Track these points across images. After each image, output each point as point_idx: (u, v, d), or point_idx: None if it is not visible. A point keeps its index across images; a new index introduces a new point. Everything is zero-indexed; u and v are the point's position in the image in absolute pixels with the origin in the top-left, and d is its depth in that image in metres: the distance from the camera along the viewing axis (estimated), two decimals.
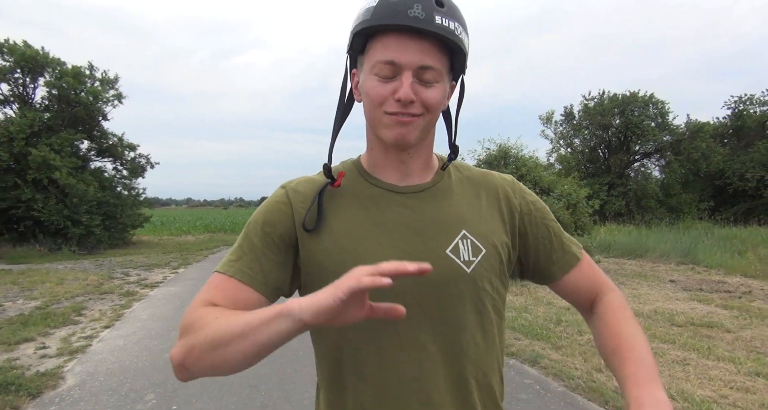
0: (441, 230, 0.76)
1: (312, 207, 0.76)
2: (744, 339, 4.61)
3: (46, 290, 7.36)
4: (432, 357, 0.74)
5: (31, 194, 12.92)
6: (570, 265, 0.84)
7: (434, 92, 0.71)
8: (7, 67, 13.43)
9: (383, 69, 0.69)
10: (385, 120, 0.71)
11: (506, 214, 0.82)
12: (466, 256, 0.76)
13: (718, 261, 8.91)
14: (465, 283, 0.75)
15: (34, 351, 4.40)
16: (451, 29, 0.68)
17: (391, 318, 0.56)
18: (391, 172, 0.79)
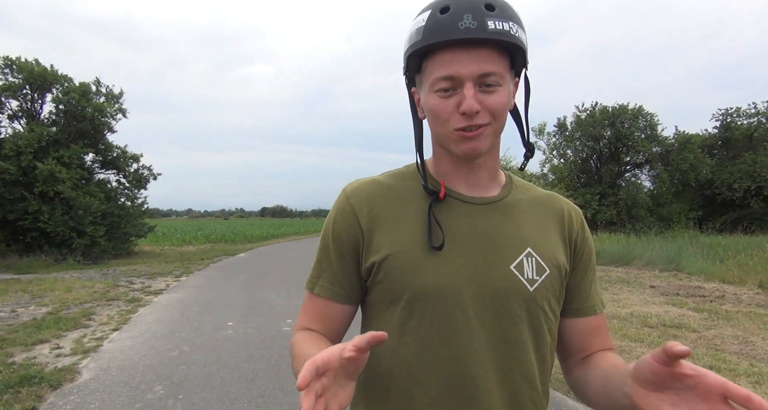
0: (507, 245, 0.75)
1: (432, 226, 0.74)
2: (707, 338, 4.97)
3: (56, 297, 7.73)
4: (488, 373, 0.72)
5: (38, 206, 13.32)
6: (586, 313, 0.82)
7: (498, 97, 0.69)
8: (17, 84, 13.95)
9: (443, 85, 0.69)
10: (454, 136, 0.71)
11: (567, 239, 0.81)
12: (529, 274, 0.74)
13: (700, 268, 9.27)
14: (526, 301, 0.74)
15: (49, 350, 4.76)
16: (506, 31, 0.67)
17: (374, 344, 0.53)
18: (459, 182, 0.78)
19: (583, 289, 0.82)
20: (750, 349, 4.59)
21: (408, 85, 0.78)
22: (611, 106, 19.74)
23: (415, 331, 0.73)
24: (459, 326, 0.72)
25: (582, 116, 20.45)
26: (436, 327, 0.72)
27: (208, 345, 4.91)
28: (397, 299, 0.74)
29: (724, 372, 3.95)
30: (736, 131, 20.36)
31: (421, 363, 0.73)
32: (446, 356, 0.72)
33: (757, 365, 4.12)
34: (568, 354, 0.84)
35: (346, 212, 0.78)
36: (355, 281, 0.79)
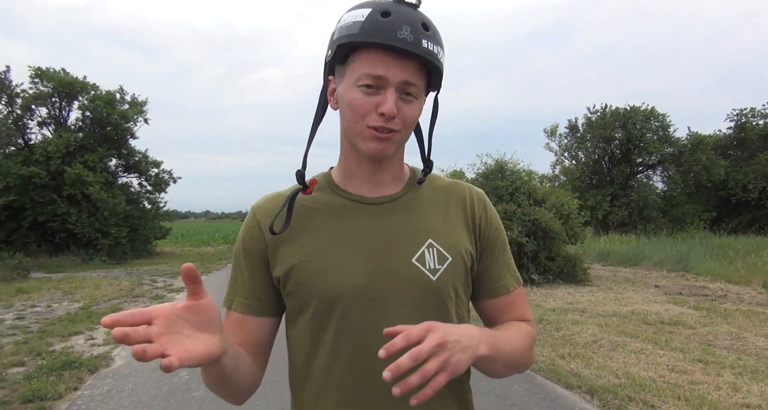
0: (408, 239, 0.78)
1: (281, 211, 0.77)
2: (701, 334, 5.16)
3: (86, 294, 8.24)
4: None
5: (66, 209, 14.01)
6: (498, 292, 0.85)
7: (413, 109, 0.73)
8: (46, 93, 14.69)
9: (368, 82, 0.71)
10: (366, 133, 0.73)
11: (471, 224, 0.83)
12: (431, 264, 0.77)
13: (708, 269, 9.36)
14: (430, 291, 0.76)
15: (84, 341, 5.20)
16: (434, 53, 0.71)
17: (188, 275, 0.58)
18: (363, 183, 0.81)
19: (493, 270, 0.84)
20: (741, 344, 4.77)
21: (326, 72, 0.79)
22: (622, 107, 19.78)
23: (325, 336, 0.76)
24: (367, 325, 0.74)
25: (593, 117, 20.48)
26: (345, 330, 0.74)
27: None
28: (306, 308, 0.77)
29: (711, 364, 4.16)
30: (751, 132, 20.13)
31: (335, 367, 0.75)
32: (360, 357, 0.74)
33: (744, 358, 4.31)
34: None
35: (253, 228, 0.81)
36: (270, 294, 0.81)
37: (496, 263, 0.85)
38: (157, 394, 3.63)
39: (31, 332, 5.51)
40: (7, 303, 7.37)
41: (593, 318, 6.04)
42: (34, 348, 4.76)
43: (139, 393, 3.64)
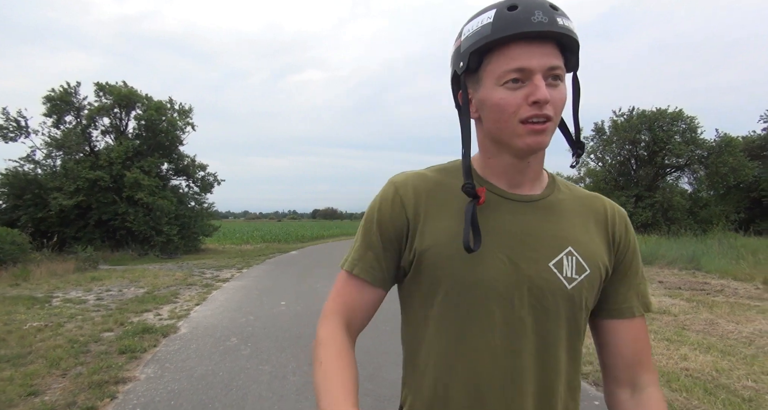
0: (547, 242, 0.76)
1: (468, 227, 0.74)
2: (679, 321, 5.78)
3: (148, 282, 9.58)
4: (524, 367, 0.73)
5: (125, 209, 15.69)
6: (620, 314, 0.81)
7: (561, 93, 0.71)
8: (109, 105, 16.47)
9: (513, 76, 0.69)
10: (520, 130, 0.71)
11: (610, 240, 0.81)
12: (569, 273, 0.75)
13: (717, 267, 9.71)
14: (563, 299, 0.74)
15: (153, 316, 6.39)
16: (571, 28, 0.69)
17: None
18: (503, 180, 0.79)
19: (621, 291, 0.81)
20: (711, 329, 5.38)
21: (455, 87, 0.78)
22: (649, 110, 19.80)
23: (452, 323, 0.75)
24: (495, 319, 0.73)
25: (619, 120, 20.60)
26: (472, 320, 0.73)
27: (267, 316, 6.34)
28: (435, 292, 0.76)
29: (675, 342, 4.83)
30: None
31: (457, 355, 0.74)
32: (482, 348, 0.73)
33: (707, 338, 4.95)
34: (608, 363, 0.83)
35: (393, 202, 0.80)
36: (392, 268, 0.81)
37: (626, 284, 0.82)
38: (215, 352, 4.69)
39: (111, 309, 6.77)
40: (87, 288, 8.78)
41: None
42: (117, 319, 5.96)
43: (201, 350, 4.71)
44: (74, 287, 8.83)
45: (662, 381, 3.68)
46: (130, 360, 4.37)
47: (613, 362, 0.82)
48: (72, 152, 15.90)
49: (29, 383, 3.67)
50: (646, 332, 0.83)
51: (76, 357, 4.38)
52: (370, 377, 3.77)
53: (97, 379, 3.75)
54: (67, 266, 11.24)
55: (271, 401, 3.39)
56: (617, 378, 0.82)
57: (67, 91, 15.91)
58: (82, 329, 5.49)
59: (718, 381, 3.69)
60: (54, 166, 16.07)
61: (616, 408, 0.82)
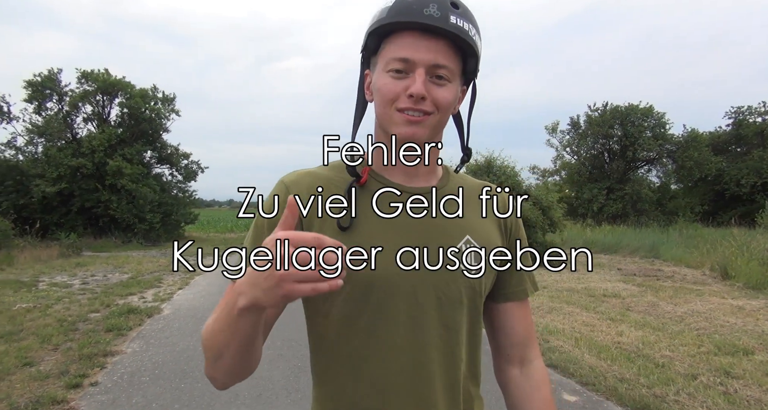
0: (446, 233, 0.76)
1: (349, 206, 0.73)
2: (626, 303, 6.33)
3: (132, 267, 9.87)
4: (431, 360, 0.73)
5: (108, 196, 15.81)
6: (516, 297, 0.84)
7: (446, 92, 0.70)
8: (91, 92, 16.45)
9: (396, 66, 0.69)
10: (396, 118, 0.71)
11: (503, 226, 0.83)
12: (468, 261, 0.76)
13: (674, 255, 10.38)
14: (465, 288, 0.75)
15: (138, 299, 6.72)
16: (465, 30, 0.68)
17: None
18: (398, 172, 0.78)
19: (515, 274, 0.84)
20: (652, 309, 5.94)
21: (362, 66, 0.79)
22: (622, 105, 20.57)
23: (356, 322, 0.73)
24: (400, 314, 0.72)
25: (593, 115, 21.33)
26: (378, 318, 0.72)
27: None
28: (337, 293, 0.67)
29: (616, 321, 5.36)
30: (747, 129, 20.66)
31: (363, 356, 0.73)
32: (388, 345, 0.72)
33: (646, 318, 5.50)
34: (501, 343, 0.85)
35: (284, 203, 0.72)
36: None
37: (519, 266, 0.85)
38: (196, 330, 5.07)
39: (96, 293, 7.08)
40: (72, 273, 9.04)
41: (549, 292, 7.24)
42: (103, 301, 6.29)
43: (183, 329, 5.09)
44: (59, 273, 9.08)
45: (593, 352, 4.20)
46: (116, 336, 4.73)
47: (507, 342, 0.85)
48: (54, 139, 15.90)
49: (23, 355, 4.01)
50: (530, 312, 0.88)
51: (66, 334, 4.73)
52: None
53: (87, 352, 4.11)
54: (51, 252, 11.43)
55: None
56: (509, 357, 0.85)
57: (50, 76, 15.85)
58: (70, 310, 5.81)
59: (642, 352, 4.21)
60: (36, 153, 16.07)
61: (509, 383, 0.86)
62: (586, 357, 4.05)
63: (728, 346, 4.28)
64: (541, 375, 0.85)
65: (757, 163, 19.08)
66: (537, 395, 0.84)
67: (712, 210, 20.15)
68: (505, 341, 0.85)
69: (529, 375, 0.84)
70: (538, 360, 0.86)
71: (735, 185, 19.63)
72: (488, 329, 0.87)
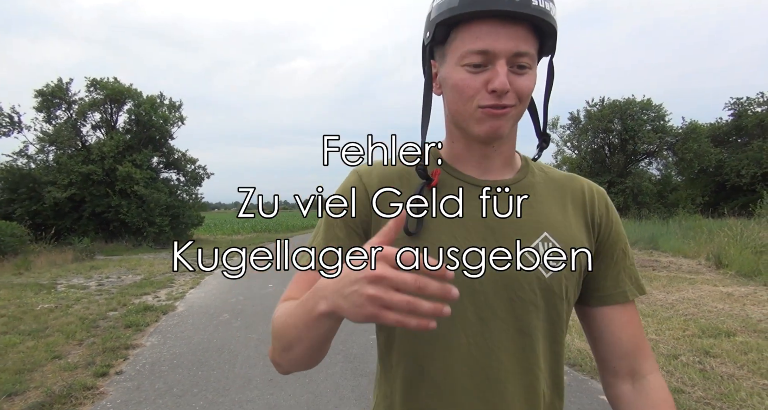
0: (521, 230, 0.70)
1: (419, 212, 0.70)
2: None
3: (144, 269, 10.21)
4: (502, 366, 0.68)
5: (118, 201, 16.20)
6: (613, 300, 0.75)
7: (528, 80, 0.65)
8: (100, 100, 16.85)
9: (474, 60, 0.64)
10: (477, 114, 0.66)
11: (590, 222, 0.75)
12: (544, 261, 0.70)
13: (672, 246, 10.56)
14: (541, 289, 0.69)
15: (152, 298, 7.04)
16: (547, 10, 0.63)
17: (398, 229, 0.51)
18: (472, 166, 0.74)
19: (611, 275, 0.76)
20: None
21: (425, 57, 0.73)
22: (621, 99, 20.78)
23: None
24: (467, 315, 0.68)
25: (592, 110, 21.53)
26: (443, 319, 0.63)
27: (256, 296, 7.03)
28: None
29: None
30: (747, 119, 20.77)
31: (427, 356, 0.70)
32: (454, 347, 0.69)
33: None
34: (604, 354, 0.77)
35: (358, 191, 0.74)
36: None
37: (616, 267, 0.76)
38: (209, 325, 5.37)
39: (112, 293, 7.41)
40: (88, 275, 9.40)
41: None
42: (120, 301, 6.61)
43: (197, 324, 5.40)
44: (75, 275, 9.44)
45: (584, 338, 4.45)
46: (135, 332, 5.05)
47: (610, 352, 0.76)
48: (64, 147, 16.31)
49: (52, 350, 4.33)
50: (638, 316, 0.78)
51: (88, 331, 5.05)
52: (342, 341, 4.49)
53: (110, 346, 4.43)
54: (66, 256, 11.80)
55: (257, 359, 4.09)
56: (616, 370, 0.77)
57: (59, 86, 16.26)
58: (89, 309, 6.14)
59: None
60: (47, 160, 16.49)
61: (619, 401, 0.77)
62: (575, 342, 4.30)
63: (712, 329, 4.51)
64: (660, 394, 0.74)
65: (757, 153, 19.21)
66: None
67: (713, 201, 20.30)
68: (609, 351, 0.77)
69: (644, 393, 0.75)
70: (655, 374, 0.76)
71: (735, 175, 19.81)
72: (588, 338, 0.80)
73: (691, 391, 3.13)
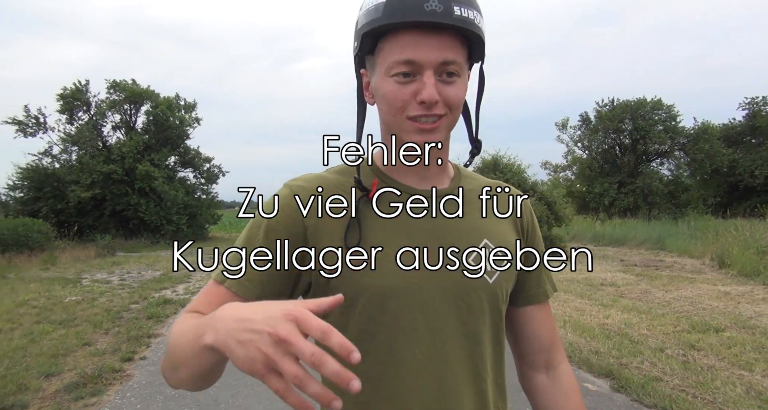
0: (462, 237, 0.72)
1: (352, 222, 0.68)
2: (620, 291, 6.74)
3: (163, 266, 10.66)
4: (456, 375, 0.69)
5: (137, 200, 16.77)
6: (537, 299, 0.81)
7: (457, 89, 0.65)
8: (119, 101, 17.45)
9: (401, 69, 0.63)
10: (408, 126, 0.66)
11: (519, 228, 0.80)
12: (488, 266, 0.71)
13: (679, 246, 10.64)
14: (486, 294, 0.71)
15: (171, 292, 7.44)
16: (470, 20, 0.62)
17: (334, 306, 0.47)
18: (409, 175, 0.74)
19: (534, 276, 0.81)
20: (644, 296, 6.35)
21: (357, 66, 0.72)
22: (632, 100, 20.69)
23: (374, 338, 0.68)
24: (419, 327, 0.68)
25: (602, 110, 21.49)
26: (395, 332, 0.68)
27: None
28: (352, 304, 0.68)
29: (607, 306, 5.79)
30: (762, 119, 20.51)
31: (383, 372, 0.68)
32: (408, 361, 0.68)
33: (635, 303, 5.91)
34: (525, 349, 0.83)
35: (289, 208, 0.69)
36: (276, 283, 0.68)
37: (539, 268, 0.82)
38: None
39: (134, 288, 7.82)
40: (110, 271, 9.88)
41: None
42: (141, 295, 7.02)
43: None
44: (98, 270, 9.93)
45: (577, 332, 4.67)
46: (156, 323, 5.41)
47: (530, 347, 0.82)
48: (86, 147, 16.94)
49: (81, 337, 4.71)
50: (552, 314, 0.84)
51: (113, 321, 5.43)
52: None
53: (134, 334, 4.79)
54: (89, 252, 12.35)
55: None
56: (534, 362, 0.82)
57: (78, 88, 16.89)
58: (113, 302, 6.55)
59: (622, 331, 4.66)
60: (70, 160, 17.15)
61: (536, 390, 0.83)
62: (568, 336, 4.53)
63: (702, 325, 4.70)
64: (569, 380, 0.82)
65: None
66: (567, 402, 0.80)
67: (726, 202, 20.12)
68: (529, 346, 0.82)
69: (557, 381, 0.82)
70: (564, 363, 0.83)
71: (749, 176, 19.60)
72: (509, 335, 0.84)
73: (669, 379, 3.35)
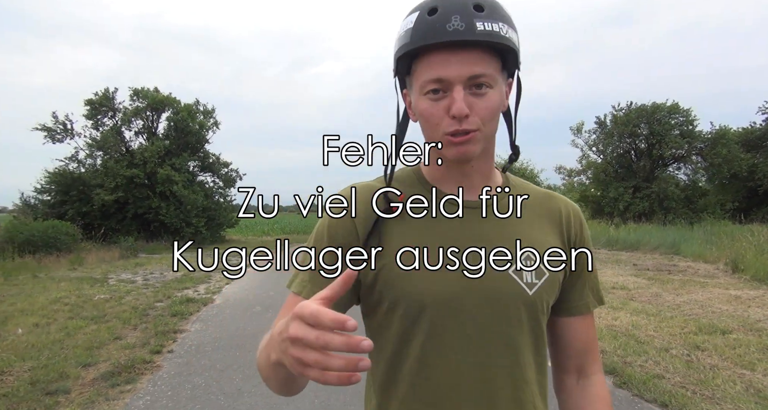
0: (505, 246, 0.73)
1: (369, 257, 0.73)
2: (631, 294, 6.81)
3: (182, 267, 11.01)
4: (495, 380, 0.72)
5: (158, 203, 17.27)
6: (578, 311, 0.82)
7: (488, 101, 0.68)
8: (142, 108, 18.03)
9: (432, 87, 0.67)
10: (444, 140, 0.69)
11: (566, 240, 0.80)
12: (528, 278, 0.73)
13: (694, 251, 10.60)
14: (525, 306, 0.73)
15: (192, 292, 7.74)
16: (495, 32, 0.65)
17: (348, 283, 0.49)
18: (452, 186, 0.76)
19: (577, 288, 0.82)
20: (654, 299, 6.41)
21: (399, 87, 0.77)
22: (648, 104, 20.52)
23: (412, 342, 0.72)
24: (456, 335, 0.71)
25: (618, 114, 21.35)
26: (432, 338, 0.71)
27: (286, 292, 7.28)
28: (394, 309, 0.73)
29: (618, 309, 5.88)
30: None
31: (421, 376, 0.72)
32: (443, 366, 0.71)
33: (644, 306, 5.99)
34: (561, 357, 0.84)
35: (344, 220, 0.75)
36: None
37: (581, 281, 0.82)
38: (244, 315, 5.98)
39: (157, 287, 8.16)
40: (134, 271, 10.27)
41: None
42: (164, 294, 7.33)
43: (233, 314, 6.02)
44: (123, 271, 10.33)
45: None
46: (181, 320, 5.70)
47: (562, 353, 0.84)
48: (111, 152, 17.53)
49: (112, 332, 5.01)
50: (594, 323, 0.85)
51: (140, 318, 5.73)
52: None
53: (161, 330, 5.08)
54: (113, 254, 12.80)
55: None
56: (565, 367, 0.84)
57: (106, 95, 17.52)
58: (139, 300, 6.87)
59: (629, 332, 4.77)
60: (95, 165, 17.75)
61: (563, 393, 0.85)
62: None
63: (709, 327, 4.78)
64: (599, 392, 0.82)
65: None
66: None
67: (745, 207, 19.78)
68: (562, 352, 0.84)
69: (586, 389, 0.83)
70: (598, 375, 0.84)
71: None
72: (552, 347, 0.86)
73: (671, 377, 3.47)
